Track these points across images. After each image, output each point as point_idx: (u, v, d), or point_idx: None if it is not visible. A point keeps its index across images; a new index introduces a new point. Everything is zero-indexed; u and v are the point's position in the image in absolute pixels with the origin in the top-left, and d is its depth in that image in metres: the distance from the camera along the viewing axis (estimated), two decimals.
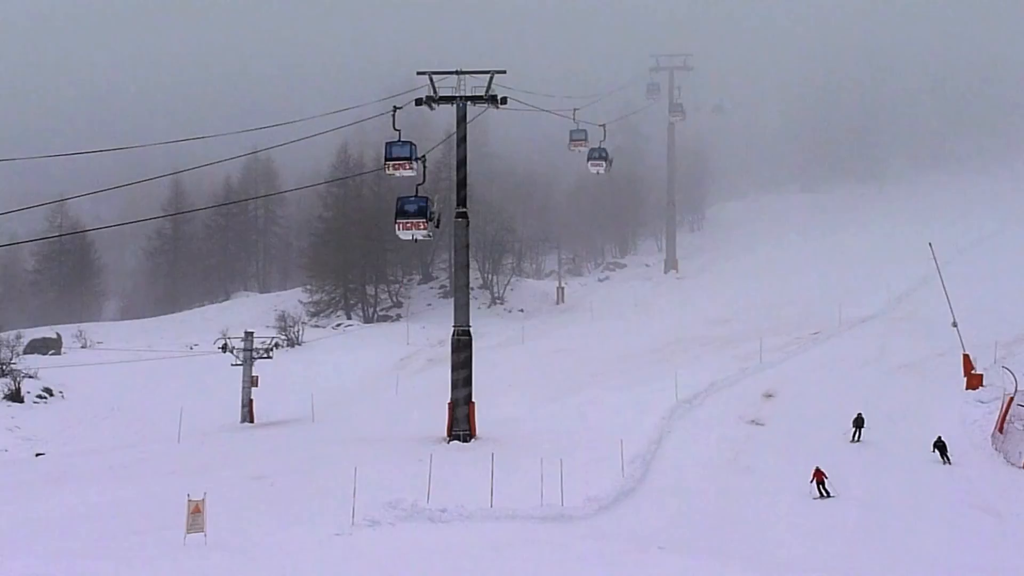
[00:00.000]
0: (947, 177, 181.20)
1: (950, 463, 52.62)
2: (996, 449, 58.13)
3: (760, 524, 44.33)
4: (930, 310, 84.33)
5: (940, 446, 53.42)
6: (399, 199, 54.95)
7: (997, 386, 64.69)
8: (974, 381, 67.51)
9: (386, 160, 54.95)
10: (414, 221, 54.04)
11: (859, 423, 57.58)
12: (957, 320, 71.26)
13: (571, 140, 74.83)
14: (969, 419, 62.50)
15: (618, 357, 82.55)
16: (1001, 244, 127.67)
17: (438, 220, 55.82)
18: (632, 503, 46.93)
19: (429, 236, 56.11)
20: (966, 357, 69.05)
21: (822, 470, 47.21)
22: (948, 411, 63.99)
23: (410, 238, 55.32)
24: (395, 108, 55.52)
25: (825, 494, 46.51)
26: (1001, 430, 59.18)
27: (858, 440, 56.97)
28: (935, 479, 51.71)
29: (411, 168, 54.60)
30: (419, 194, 55.01)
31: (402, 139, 55.21)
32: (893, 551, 40.72)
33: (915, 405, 65.47)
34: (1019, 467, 55.24)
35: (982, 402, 64.39)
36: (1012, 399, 60.72)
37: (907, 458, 55.78)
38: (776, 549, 40.40)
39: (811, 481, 47.11)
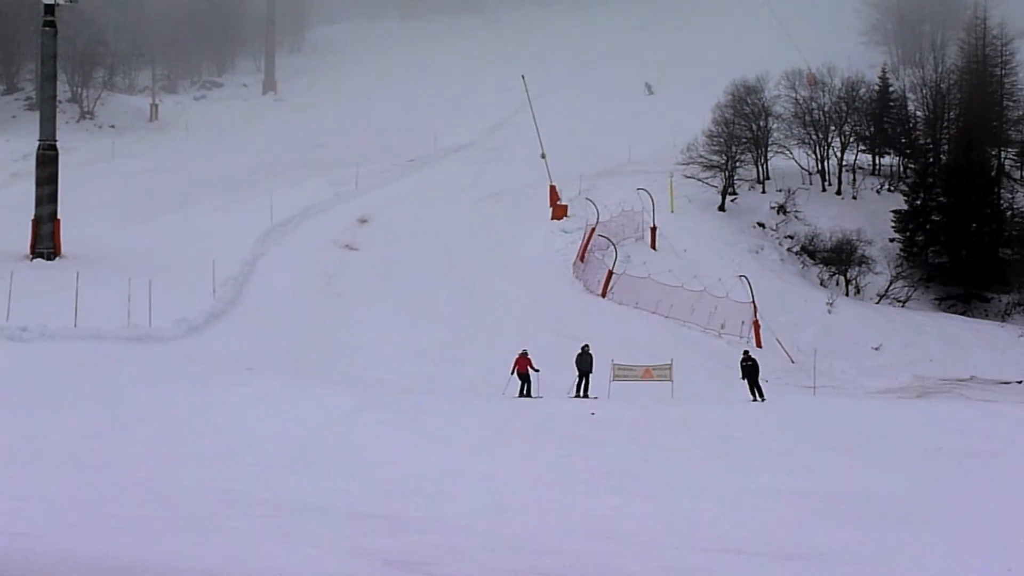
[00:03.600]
0: (546, 11, 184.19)
1: (762, 398, 37.55)
2: (577, 277, 61.32)
3: (348, 347, 45.24)
4: (522, 141, 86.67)
5: (749, 370, 38.41)
6: None
7: (581, 216, 67.70)
8: (559, 212, 70.39)
9: None
10: None
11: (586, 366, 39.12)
12: (546, 152, 73.86)
13: None
14: (553, 248, 65.45)
15: (213, 178, 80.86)
16: (593, 78, 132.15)
17: None
18: (223, 325, 46.80)
19: (73, 2, 59.07)
20: (552, 188, 71.81)
21: (528, 357, 38.20)
22: (533, 239, 66.78)
23: (52, 2, 56.65)
24: None
25: (528, 394, 37.64)
26: (582, 259, 62.36)
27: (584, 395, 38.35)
28: (524, 309, 54.10)
29: None
30: None
31: None
32: (468, 369, 42.58)
33: (503, 233, 67.76)
34: (597, 295, 58.62)
35: (565, 232, 67.35)
36: (594, 230, 64.01)
37: (495, 286, 58.02)
38: (364, 371, 41.37)
39: (512, 372, 38.08)
